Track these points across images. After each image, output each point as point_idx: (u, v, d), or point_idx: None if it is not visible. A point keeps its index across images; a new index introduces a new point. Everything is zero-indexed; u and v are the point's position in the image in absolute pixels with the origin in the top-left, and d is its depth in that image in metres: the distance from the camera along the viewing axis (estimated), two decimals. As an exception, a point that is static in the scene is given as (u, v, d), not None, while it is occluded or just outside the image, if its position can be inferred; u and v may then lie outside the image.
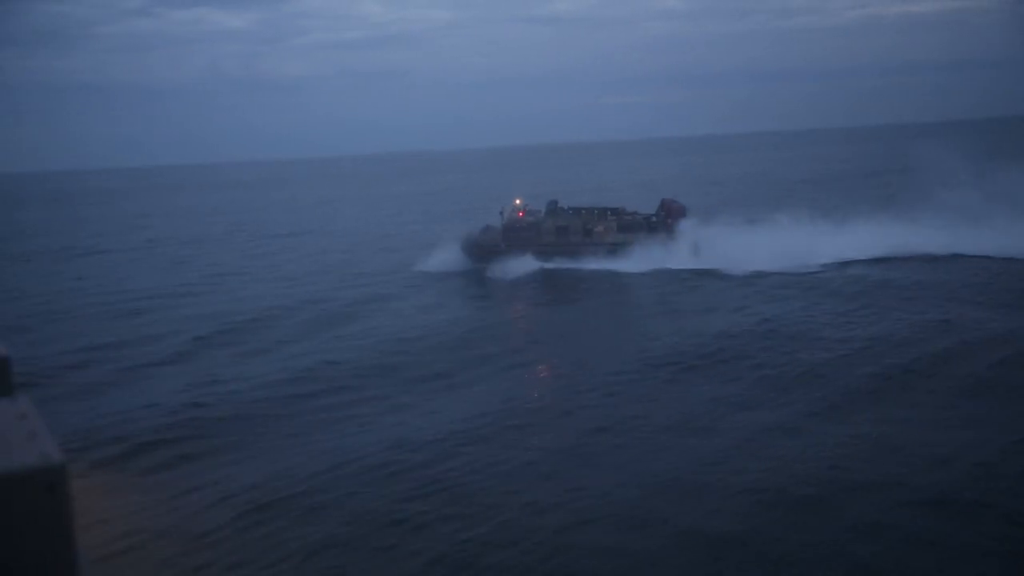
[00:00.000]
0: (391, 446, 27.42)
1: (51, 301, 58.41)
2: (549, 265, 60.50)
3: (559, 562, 19.86)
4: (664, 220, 62.13)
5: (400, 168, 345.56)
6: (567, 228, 61.85)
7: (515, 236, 61.41)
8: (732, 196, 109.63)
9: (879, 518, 21.29)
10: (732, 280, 54.18)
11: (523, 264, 59.80)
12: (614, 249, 60.53)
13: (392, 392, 33.77)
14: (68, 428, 29.53)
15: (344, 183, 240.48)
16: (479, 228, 64.31)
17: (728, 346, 38.63)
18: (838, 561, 19.52)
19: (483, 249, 61.58)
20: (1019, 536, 20.46)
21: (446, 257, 62.10)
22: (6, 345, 3.25)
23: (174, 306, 54.63)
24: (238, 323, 47.65)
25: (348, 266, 68.77)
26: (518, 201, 63.49)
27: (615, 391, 32.83)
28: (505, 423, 29.40)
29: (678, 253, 59.39)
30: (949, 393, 31.09)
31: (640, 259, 59.26)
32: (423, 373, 36.33)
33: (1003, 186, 64.50)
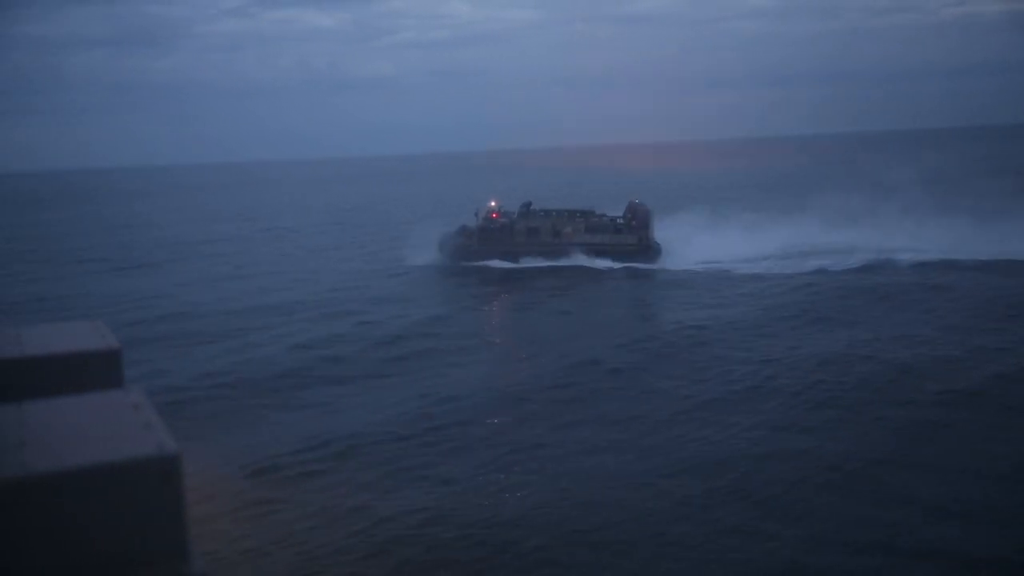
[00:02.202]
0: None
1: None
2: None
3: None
4: (630, 222, 64.63)
5: (492, 165, 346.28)
6: (538, 229, 64.74)
7: (489, 236, 64.74)
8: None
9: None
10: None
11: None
12: (584, 249, 63.41)
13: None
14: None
15: (439, 178, 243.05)
16: (455, 228, 67.23)
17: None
18: None
19: (459, 249, 64.93)
20: None
21: (426, 255, 65.84)
22: (119, 340, 3.44)
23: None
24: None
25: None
26: (493, 203, 66.37)
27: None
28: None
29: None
30: None
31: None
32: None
33: None
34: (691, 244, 63.54)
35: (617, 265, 61.88)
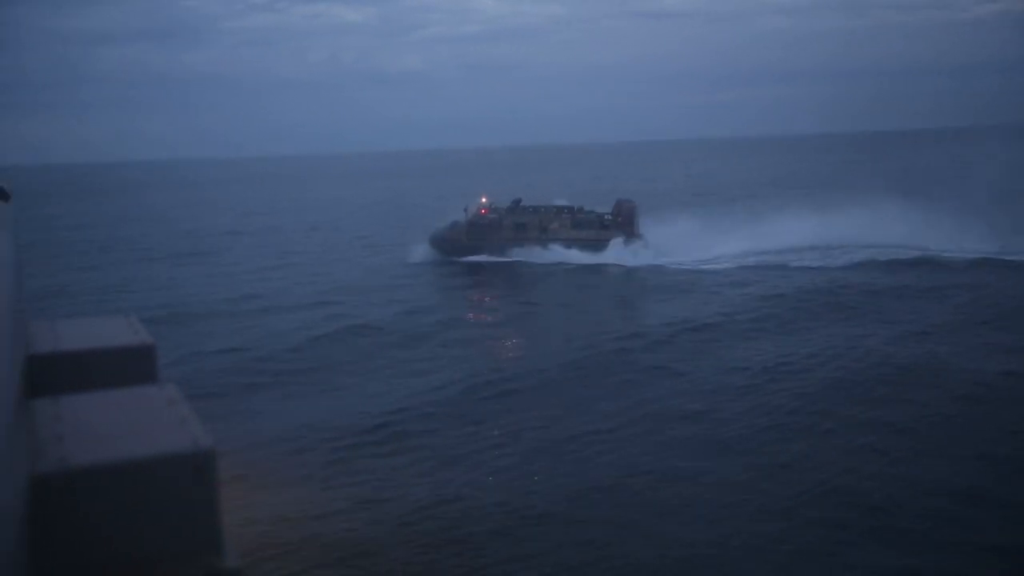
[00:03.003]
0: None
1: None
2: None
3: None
4: (616, 219, 65.75)
5: (533, 160, 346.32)
6: (525, 224, 66.21)
7: (478, 232, 66.32)
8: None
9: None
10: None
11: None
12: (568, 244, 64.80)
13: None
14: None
15: (464, 174, 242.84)
16: (447, 224, 68.72)
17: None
18: None
19: (449, 243, 66.59)
20: None
21: (420, 251, 67.61)
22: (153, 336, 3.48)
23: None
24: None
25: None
26: (484, 199, 68.04)
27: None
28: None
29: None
30: None
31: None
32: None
33: None
34: (698, 242, 64.21)
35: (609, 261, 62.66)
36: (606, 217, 66.29)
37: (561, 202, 69.43)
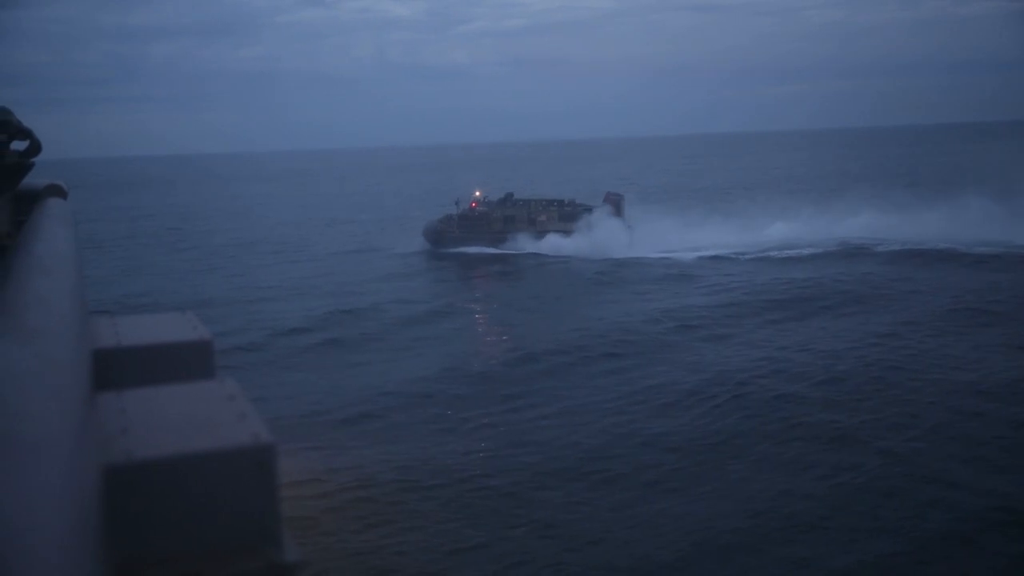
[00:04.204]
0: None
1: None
2: None
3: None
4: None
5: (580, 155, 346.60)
6: (514, 217, 68.65)
7: (468, 224, 69.01)
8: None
9: None
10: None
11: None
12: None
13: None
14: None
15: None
16: (439, 217, 72.04)
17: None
18: None
19: (441, 235, 69.46)
20: None
21: (412, 241, 71.23)
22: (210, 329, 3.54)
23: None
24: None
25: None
26: (478, 193, 71.25)
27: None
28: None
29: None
30: None
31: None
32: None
33: None
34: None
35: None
36: (594, 210, 68.27)
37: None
